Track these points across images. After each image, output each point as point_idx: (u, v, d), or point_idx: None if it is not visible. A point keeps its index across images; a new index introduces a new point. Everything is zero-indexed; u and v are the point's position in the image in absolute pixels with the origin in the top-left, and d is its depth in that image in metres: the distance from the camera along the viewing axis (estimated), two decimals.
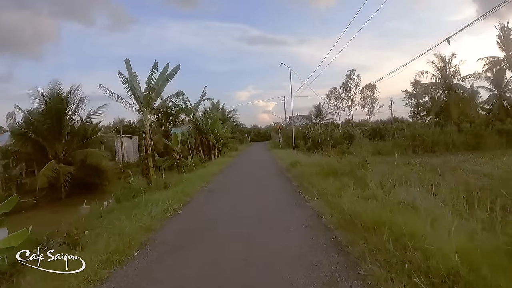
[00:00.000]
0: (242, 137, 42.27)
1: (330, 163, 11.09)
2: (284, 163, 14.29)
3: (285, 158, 16.01)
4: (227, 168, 15.05)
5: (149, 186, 11.44)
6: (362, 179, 8.22)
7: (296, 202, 6.89)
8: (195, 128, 21.06)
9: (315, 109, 50.39)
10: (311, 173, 9.84)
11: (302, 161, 13.07)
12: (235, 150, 27.11)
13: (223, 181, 11.02)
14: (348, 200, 6.03)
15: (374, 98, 50.55)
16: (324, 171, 9.92)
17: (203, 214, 6.43)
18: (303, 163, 12.42)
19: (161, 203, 7.03)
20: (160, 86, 13.74)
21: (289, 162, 13.54)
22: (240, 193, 8.51)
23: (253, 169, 13.88)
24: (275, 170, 13.34)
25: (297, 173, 10.41)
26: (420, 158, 20.85)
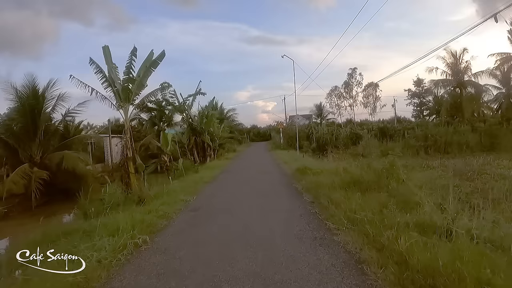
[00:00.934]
0: (241, 137, 39.85)
1: (348, 169, 8.79)
2: (290, 167, 11.99)
3: (290, 161, 13.70)
4: (222, 174, 12.64)
5: (127, 196, 9.18)
6: (402, 195, 5.91)
7: (316, 235, 4.48)
8: (189, 128, 18.74)
9: (316, 108, 48.10)
10: (327, 183, 7.52)
11: (311, 166, 10.77)
12: (233, 151, 24.72)
13: (214, 194, 8.58)
14: (401, 235, 3.73)
15: (376, 97, 48.29)
16: (344, 181, 7.59)
17: (174, 260, 3.96)
18: (313, 168, 10.11)
19: (120, 233, 4.71)
20: (142, 76, 11.38)
21: (295, 167, 11.22)
22: (233, 215, 6.07)
23: (253, 176, 11.42)
24: (279, 177, 10.89)
25: (309, 184, 7.99)
26: (435, 160, 18.84)
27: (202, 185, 9.54)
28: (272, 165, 14.32)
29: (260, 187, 8.86)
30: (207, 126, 18.18)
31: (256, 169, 13.28)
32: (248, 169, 13.86)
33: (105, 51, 11.74)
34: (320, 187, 7.28)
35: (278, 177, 10.94)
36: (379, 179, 7.44)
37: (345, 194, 6.48)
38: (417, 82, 51.57)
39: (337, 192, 6.51)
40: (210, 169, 13.58)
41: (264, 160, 17.77)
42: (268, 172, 12.37)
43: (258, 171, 12.56)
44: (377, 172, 8.02)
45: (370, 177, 7.74)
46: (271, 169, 13.13)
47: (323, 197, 6.50)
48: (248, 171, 13.35)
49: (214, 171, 13.05)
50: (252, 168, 14.17)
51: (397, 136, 24.74)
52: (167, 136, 15.37)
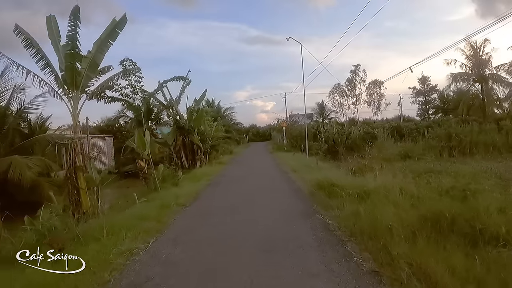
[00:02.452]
0: (239, 137, 36.12)
1: (407, 189, 5.24)
2: (302, 179, 8.36)
3: (300, 169, 10.11)
4: (207, 189, 8.87)
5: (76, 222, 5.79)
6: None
7: None
8: (175, 126, 15.13)
9: (318, 107, 44.53)
10: (383, 221, 3.97)
11: (335, 179, 7.18)
12: (229, 153, 21.07)
13: (186, 234, 4.81)
14: None
15: (381, 95, 44.81)
16: (416, 218, 4.03)
17: None
18: (339, 183, 6.52)
19: None
20: (95, 52, 7.78)
21: (311, 179, 7.65)
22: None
23: (250, 197, 7.29)
24: (291, 199, 6.94)
25: (349, 218, 4.40)
26: (465, 163, 15.41)
27: (171, 214, 5.86)
28: (277, 175, 10.56)
29: (263, 223, 5.01)
30: (197, 124, 14.57)
31: (256, 182, 9.34)
32: (245, 181, 9.73)
33: (48, 22, 8.18)
34: (377, 232, 3.73)
35: (289, 198, 7.04)
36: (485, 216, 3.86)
37: (440, 253, 2.90)
38: (422, 79, 48.12)
39: (419, 247, 2.93)
40: (194, 180, 9.96)
41: (265, 166, 13.71)
42: (273, 188, 8.33)
43: (258, 186, 8.67)
44: (469, 200, 4.45)
45: (459, 209, 4.15)
46: (277, 182, 9.18)
47: (397, 262, 2.92)
48: (244, 184, 9.24)
49: (199, 183, 9.39)
50: (249, 179, 10.09)
51: (413, 135, 21.24)
52: (142, 136, 11.76)
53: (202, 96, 15.48)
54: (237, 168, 13.07)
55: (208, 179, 10.11)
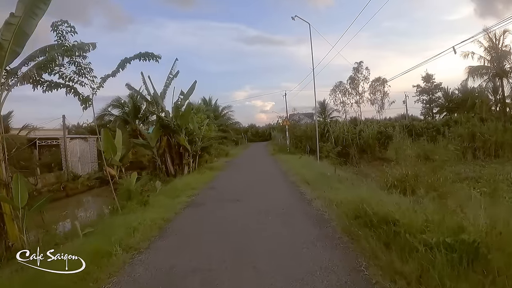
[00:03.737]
0: (236, 137, 33.16)
1: None
2: (325, 201, 5.38)
3: (316, 181, 7.11)
4: (187, 211, 6.01)
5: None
6: None
7: None
8: (158, 124, 12.30)
9: (319, 105, 41.65)
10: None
11: (384, 205, 4.36)
12: (225, 155, 18.18)
13: None
14: None
15: (384, 93, 41.96)
16: None
17: None
18: (408, 222, 3.63)
19: None
20: (25, 16, 5.01)
21: (343, 203, 4.86)
22: None
23: (247, 238, 4.09)
24: (321, 255, 3.36)
25: None
26: (495, 166, 12.93)
27: (103, 276, 3.05)
28: (284, 191, 7.14)
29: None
30: (184, 122, 11.73)
31: (255, 204, 5.99)
32: (238, 202, 6.34)
33: None
34: None
35: (312, 244, 3.72)
36: None
37: None
38: (426, 77, 45.33)
39: None
40: (171, 196, 7.06)
41: (267, 175, 10.01)
42: (282, 218, 4.98)
43: (258, 212, 5.40)
44: None
45: None
46: (286, 205, 5.72)
47: None
48: (236, 209, 5.85)
49: (175, 202, 6.41)
50: (246, 197, 6.68)
51: (431, 135, 18.52)
52: (110, 137, 8.96)
53: (191, 89, 12.63)
54: (231, 178, 10.18)
55: (190, 194, 7.25)
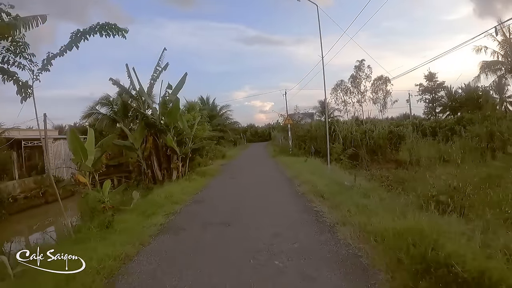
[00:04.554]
0: (234, 137, 31.21)
1: None
2: (355, 228, 3.57)
3: (333, 194, 5.37)
4: (162, 239, 4.25)
5: None
6: None
7: None
8: (143, 123, 10.49)
9: (320, 104, 39.84)
10: None
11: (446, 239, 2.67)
12: (221, 157, 16.35)
13: None
14: None
15: (387, 92, 40.10)
16: None
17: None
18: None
19: None
20: None
21: (383, 235, 3.14)
22: None
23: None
24: None
25: None
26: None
27: None
28: (295, 213, 4.90)
29: None
30: (172, 120, 9.91)
31: (255, 234, 4.00)
32: (233, 229, 4.37)
33: None
34: None
35: None
36: None
37: None
38: (429, 76, 43.62)
39: None
40: (147, 212, 5.26)
41: (269, 185, 7.85)
42: (303, 273, 2.87)
43: (257, 248, 3.53)
44: None
45: None
46: (303, 241, 3.68)
47: None
48: (230, 242, 3.87)
49: (149, 222, 4.58)
50: (243, 221, 4.72)
51: (446, 134, 16.73)
52: (76, 138, 7.16)
53: (181, 83, 10.77)
54: (224, 187, 8.31)
55: (169, 211, 5.42)
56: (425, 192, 5.41)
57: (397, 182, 10.92)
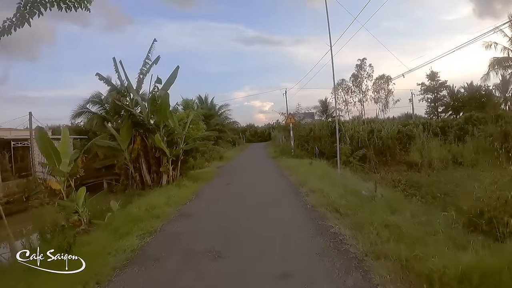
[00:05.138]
0: (233, 137, 29.93)
1: None
2: (412, 278, 2.47)
3: (350, 208, 4.07)
4: (123, 278, 3.01)
5: None
6: None
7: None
8: (129, 120, 9.31)
9: (321, 104, 38.69)
10: None
11: None
12: (218, 158, 15.14)
13: None
14: None
15: (389, 92, 39.05)
16: None
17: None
18: None
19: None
20: None
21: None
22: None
23: None
24: None
25: None
26: None
27: None
28: (306, 235, 3.69)
29: None
30: (162, 118, 8.75)
31: (256, 273, 2.85)
32: (224, 263, 3.12)
33: None
34: None
35: None
36: None
37: None
38: (431, 75, 42.60)
39: None
40: (115, 234, 3.98)
41: (270, 195, 6.43)
42: None
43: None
44: None
45: None
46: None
47: None
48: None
49: (117, 247, 3.48)
50: (237, 251, 3.44)
51: (458, 134, 15.59)
52: (45, 138, 6.00)
53: (172, 77, 9.58)
54: (218, 196, 6.94)
55: (146, 230, 4.20)
56: (467, 204, 4.26)
57: (412, 187, 9.83)
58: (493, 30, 16.79)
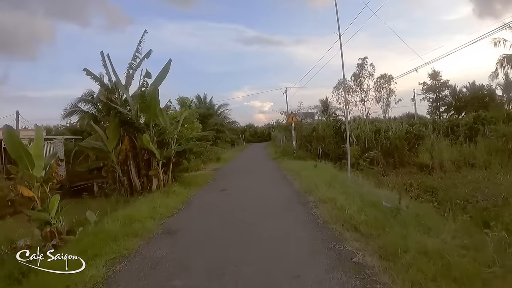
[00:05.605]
0: (232, 137, 28.98)
1: None
2: None
3: (374, 226, 3.42)
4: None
5: None
6: None
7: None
8: (116, 119, 8.40)
9: (321, 104, 37.81)
10: None
11: None
12: (215, 160, 14.18)
13: None
14: None
15: (390, 91, 38.15)
16: None
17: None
18: None
19: None
20: None
21: None
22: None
23: None
24: None
25: None
26: None
27: None
28: (322, 270, 2.67)
29: None
30: (150, 116, 7.85)
31: None
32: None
33: None
34: None
35: None
36: None
37: None
38: (433, 75, 41.83)
39: None
40: (82, 253, 3.17)
41: (273, 206, 5.31)
42: None
43: None
44: None
45: None
46: None
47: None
48: None
49: (76, 280, 2.67)
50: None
51: (468, 134, 14.71)
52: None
53: (164, 71, 8.68)
54: (210, 208, 5.75)
55: (121, 251, 3.35)
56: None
57: (427, 192, 8.95)
58: (501, 27, 15.98)
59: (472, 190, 9.05)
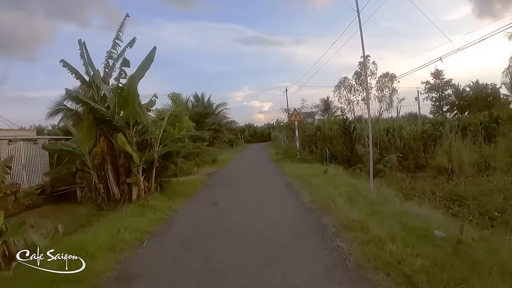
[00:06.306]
0: (230, 137, 27.60)
1: None
2: None
3: (436, 280, 2.26)
4: None
5: None
6: None
7: None
8: (91, 116, 7.07)
9: (322, 103, 36.54)
10: None
11: None
12: (211, 162, 12.74)
13: None
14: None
15: (393, 90, 36.89)
16: None
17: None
18: None
19: None
20: None
21: None
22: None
23: None
24: None
25: None
26: None
27: None
28: None
29: None
30: (129, 112, 6.51)
31: None
32: None
33: None
34: None
35: None
36: None
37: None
38: (435, 73, 40.69)
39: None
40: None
41: (278, 231, 3.84)
42: None
43: None
44: None
45: None
46: None
47: None
48: None
49: None
50: None
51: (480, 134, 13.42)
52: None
53: (148, 60, 7.33)
54: (195, 231, 4.28)
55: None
56: None
57: (454, 201, 7.66)
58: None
59: (504, 198, 7.78)
